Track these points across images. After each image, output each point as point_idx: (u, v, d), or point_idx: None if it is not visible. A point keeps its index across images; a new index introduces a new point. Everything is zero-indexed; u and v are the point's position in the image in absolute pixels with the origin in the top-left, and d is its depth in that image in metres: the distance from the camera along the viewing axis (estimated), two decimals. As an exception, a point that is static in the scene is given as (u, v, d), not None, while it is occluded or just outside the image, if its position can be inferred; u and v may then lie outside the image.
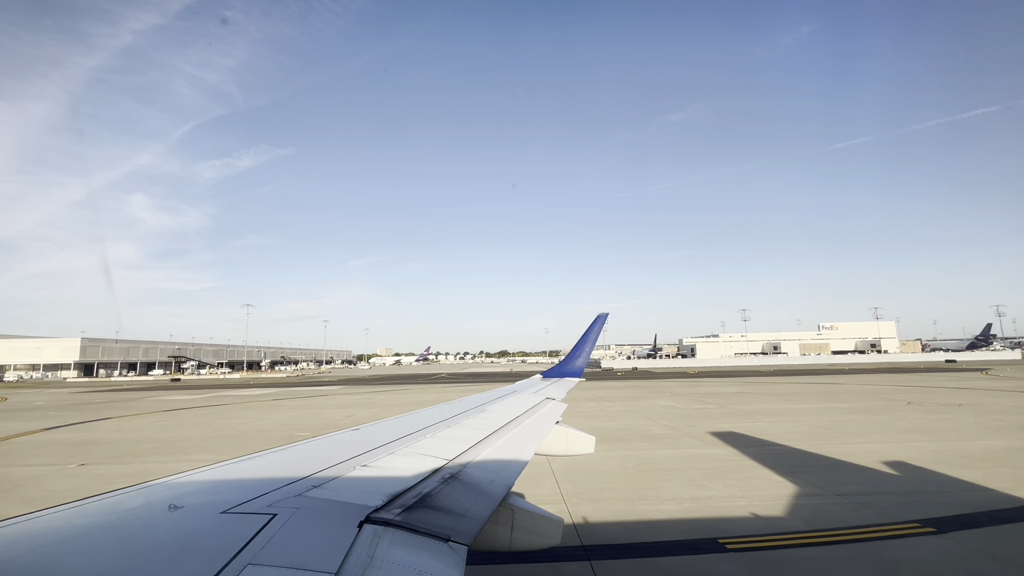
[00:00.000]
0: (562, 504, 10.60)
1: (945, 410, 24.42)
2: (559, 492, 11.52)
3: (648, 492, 11.37)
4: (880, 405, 27.02)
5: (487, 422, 4.89)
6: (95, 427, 25.47)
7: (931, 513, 9.43)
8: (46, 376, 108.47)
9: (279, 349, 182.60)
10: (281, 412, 31.21)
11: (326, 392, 48.43)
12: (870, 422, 21.02)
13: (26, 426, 25.95)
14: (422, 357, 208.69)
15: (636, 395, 36.98)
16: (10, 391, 64.91)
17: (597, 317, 11.17)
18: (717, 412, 25.71)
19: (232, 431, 23.28)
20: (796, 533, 8.57)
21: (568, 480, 12.57)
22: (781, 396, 33.69)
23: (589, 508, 10.32)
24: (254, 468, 2.85)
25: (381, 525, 2.08)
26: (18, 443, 20.72)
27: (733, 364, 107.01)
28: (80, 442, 20.69)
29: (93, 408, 36.21)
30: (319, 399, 40.67)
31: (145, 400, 42.70)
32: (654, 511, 10.05)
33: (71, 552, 1.66)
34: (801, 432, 18.82)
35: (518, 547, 3.23)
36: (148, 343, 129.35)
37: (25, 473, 14.94)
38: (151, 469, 15.38)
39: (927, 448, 15.36)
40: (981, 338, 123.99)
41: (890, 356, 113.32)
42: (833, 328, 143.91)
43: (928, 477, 12.13)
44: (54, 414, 32.63)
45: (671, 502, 10.61)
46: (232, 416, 29.36)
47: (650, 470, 13.51)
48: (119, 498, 2.23)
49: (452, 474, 3.03)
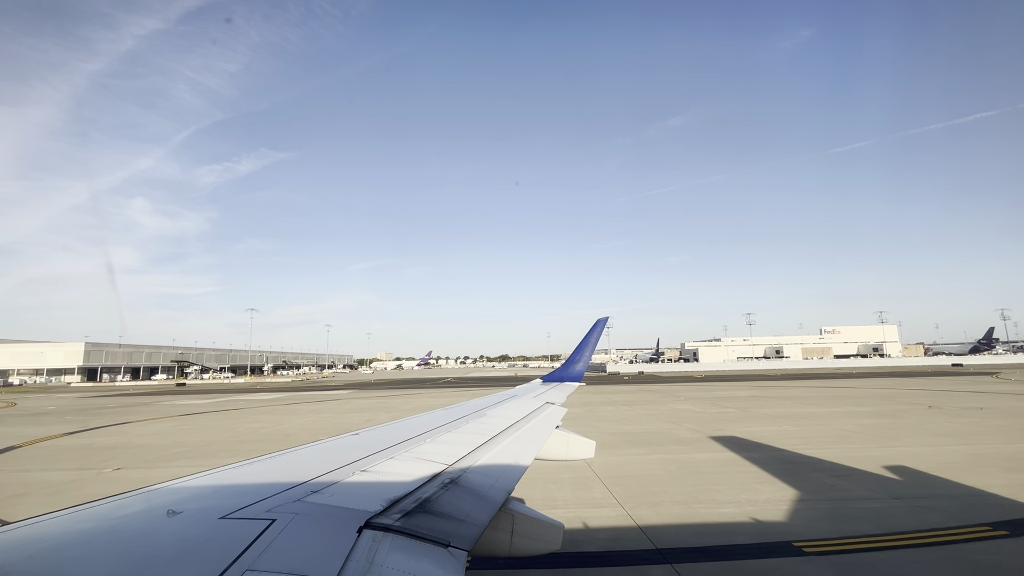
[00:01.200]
0: (619, 508, 10.56)
1: (968, 413, 24.43)
2: (611, 495, 11.49)
3: (702, 495, 11.34)
4: (900, 409, 27.02)
5: (487, 427, 4.89)
6: (117, 431, 25.35)
7: (996, 516, 9.41)
8: (49, 381, 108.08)
9: (281, 353, 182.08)
10: (299, 416, 31.13)
11: (338, 396, 48.33)
12: (898, 426, 21.01)
13: (47, 431, 25.83)
14: (424, 361, 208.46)
15: (651, 399, 36.93)
16: (16, 396, 64.63)
17: (597, 322, 11.12)
18: (739, 416, 25.68)
19: (255, 435, 23.20)
20: (869, 537, 8.55)
21: (616, 484, 12.53)
22: (797, 400, 33.66)
23: (648, 512, 10.28)
24: (253, 473, 2.84)
25: (381, 530, 2.07)
26: (45, 448, 20.62)
27: (738, 368, 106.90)
28: (107, 446, 20.60)
29: (108, 413, 36.07)
30: (334, 403, 40.58)
31: (157, 405, 42.53)
32: (715, 514, 10.02)
33: (70, 557, 1.66)
34: (831, 436, 18.79)
35: (518, 552, 3.21)
36: (151, 348, 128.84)
37: (63, 478, 14.86)
38: (185, 473, 15.18)
39: (967, 451, 15.35)
40: (984, 342, 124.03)
41: (894, 360, 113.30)
42: (835, 332, 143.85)
43: (978, 480, 12.11)
44: (70, 418, 32.48)
45: (729, 505, 10.59)
46: (251, 420, 29.26)
47: (694, 473, 13.47)
48: (118, 503, 2.22)
49: (452, 479, 3.02)
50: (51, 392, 73.72)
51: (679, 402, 34.03)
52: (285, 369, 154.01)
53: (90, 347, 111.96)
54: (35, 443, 21.72)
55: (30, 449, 20.21)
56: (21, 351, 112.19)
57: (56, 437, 23.44)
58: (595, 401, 35.78)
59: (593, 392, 44.88)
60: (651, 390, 46.75)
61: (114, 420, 30.51)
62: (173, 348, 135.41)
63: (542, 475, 13.17)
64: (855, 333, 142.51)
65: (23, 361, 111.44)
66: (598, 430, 21.73)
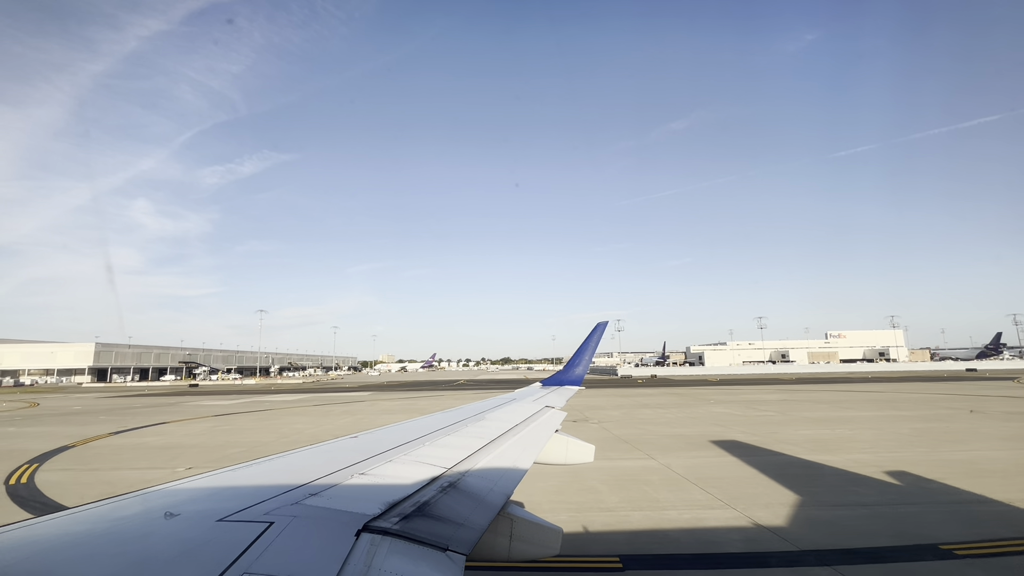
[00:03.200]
0: (730, 509, 10.51)
1: (1016, 418, 24.38)
2: (714, 497, 11.43)
3: (815, 498, 11.29)
4: (944, 413, 26.91)
5: (486, 430, 4.87)
6: (159, 431, 25.23)
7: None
8: (60, 381, 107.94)
9: (286, 355, 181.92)
10: (334, 418, 31.04)
11: (362, 398, 48.17)
12: (955, 430, 20.93)
13: (91, 430, 25.69)
14: (427, 364, 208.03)
15: (680, 402, 36.80)
16: (33, 396, 64.44)
17: (596, 325, 11.05)
18: (783, 419, 25.60)
19: (302, 435, 23.12)
20: (1011, 540, 8.51)
21: (714, 485, 12.47)
22: (833, 404, 33.55)
23: (765, 512, 10.23)
24: (251, 476, 2.83)
25: (379, 534, 2.05)
26: (99, 447, 20.51)
27: (748, 372, 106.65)
28: (161, 446, 20.50)
29: (138, 413, 35.93)
30: (361, 404, 40.49)
31: (182, 405, 42.36)
32: (843, 516, 9.98)
33: (67, 559, 1.65)
34: (892, 440, 18.69)
35: (517, 557, 3.17)
36: (160, 348, 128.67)
37: (142, 476, 14.78)
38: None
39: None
40: (991, 347, 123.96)
41: (903, 364, 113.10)
42: (841, 336, 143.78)
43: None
44: (104, 418, 32.38)
45: (849, 507, 10.55)
46: (292, 421, 29.16)
47: (786, 477, 13.40)
48: (115, 505, 2.20)
49: (451, 482, 2.99)
50: (65, 392, 73.51)
51: (712, 405, 33.89)
52: (290, 371, 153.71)
53: (100, 348, 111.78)
54: (87, 442, 21.61)
55: (84, 448, 20.10)
56: (31, 351, 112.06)
57: (103, 437, 23.32)
58: (626, 404, 35.71)
59: (618, 395, 44.83)
60: (674, 393, 46.62)
61: (150, 420, 30.38)
62: (181, 349, 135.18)
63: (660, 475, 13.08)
64: (861, 338, 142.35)
65: (33, 361, 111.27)
66: (651, 433, 21.63)
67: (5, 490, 13.40)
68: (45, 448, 20.00)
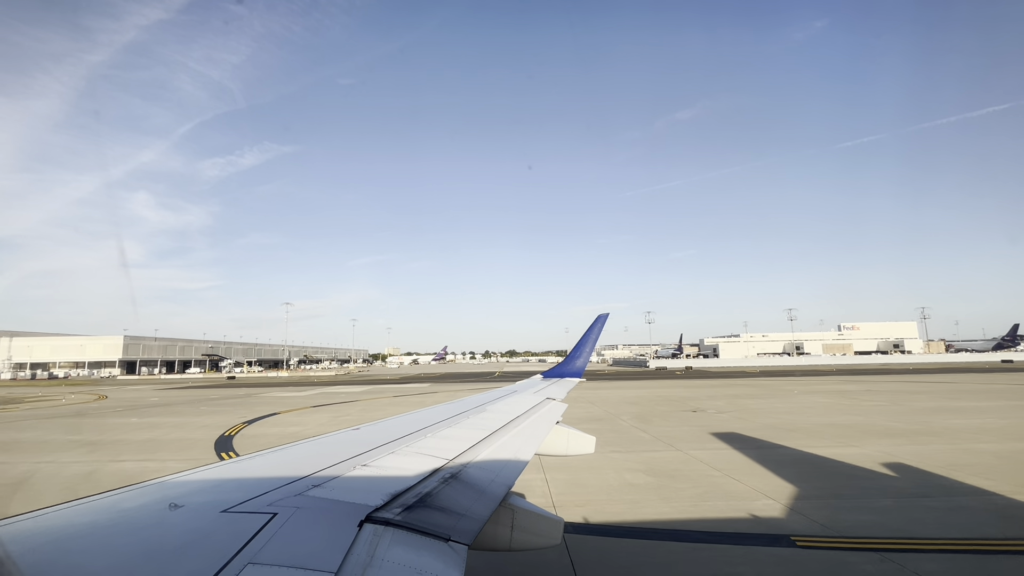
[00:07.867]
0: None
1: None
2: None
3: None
4: (1021, 405, 26.88)
5: (488, 422, 4.94)
6: (286, 421, 25.79)
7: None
8: (92, 374, 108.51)
9: (302, 348, 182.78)
10: (409, 407, 31.68)
11: (412, 391, 48.11)
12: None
13: (222, 420, 26.16)
14: (439, 356, 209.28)
15: (761, 392, 37.19)
16: (79, 389, 64.80)
17: (597, 317, 11.15)
18: (926, 408, 25.90)
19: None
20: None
21: (897, 469, 13.30)
22: (896, 394, 34.12)
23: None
24: (254, 467, 2.89)
25: (381, 524, 2.11)
26: (252, 436, 21.20)
27: (770, 364, 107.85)
28: (305, 435, 21.21)
29: (224, 404, 36.17)
30: (417, 397, 40.59)
31: (258, 397, 42.22)
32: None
33: (71, 550, 1.69)
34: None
35: (518, 547, 3.27)
36: (184, 341, 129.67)
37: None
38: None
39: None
40: (1008, 338, 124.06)
41: (918, 356, 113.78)
42: (855, 328, 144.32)
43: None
44: (204, 408, 33.07)
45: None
46: (393, 411, 29.85)
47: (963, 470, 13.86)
48: (119, 497, 2.25)
49: (452, 474, 3.05)
50: (105, 385, 73.75)
51: (806, 396, 34.03)
52: (307, 363, 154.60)
53: (128, 340, 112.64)
54: (238, 431, 22.27)
55: (242, 439, 20.75)
56: (61, 344, 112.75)
57: (241, 427, 23.73)
58: (718, 395, 36.34)
59: (681, 387, 45.72)
60: (739, 384, 47.32)
61: (255, 413, 30.17)
62: (204, 342, 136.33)
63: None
64: (874, 329, 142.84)
65: (63, 354, 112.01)
66: (761, 423, 21.79)
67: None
68: (207, 438, 20.81)
